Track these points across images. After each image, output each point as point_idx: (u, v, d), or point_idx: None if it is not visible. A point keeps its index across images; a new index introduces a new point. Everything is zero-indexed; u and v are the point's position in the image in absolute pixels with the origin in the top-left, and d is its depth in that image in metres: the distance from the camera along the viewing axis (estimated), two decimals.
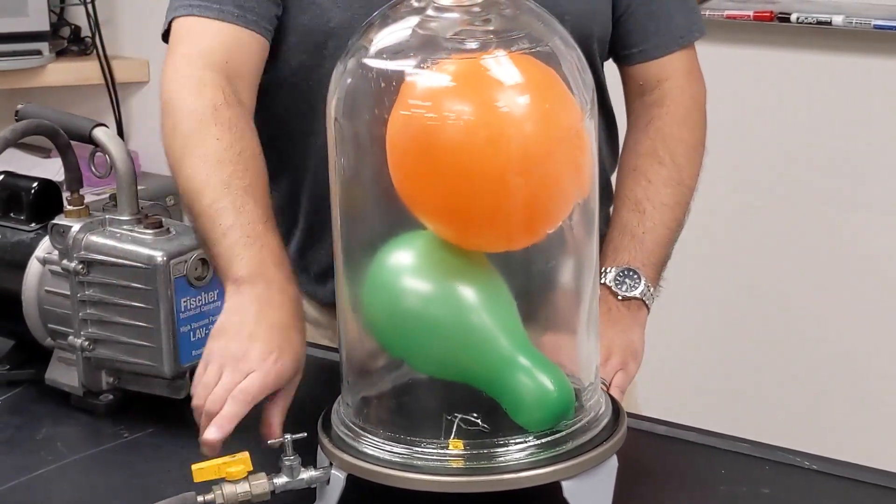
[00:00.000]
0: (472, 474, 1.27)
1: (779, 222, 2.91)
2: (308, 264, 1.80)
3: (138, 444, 1.52)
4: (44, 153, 3.33)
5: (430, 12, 1.31)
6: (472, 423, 1.30)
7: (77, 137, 1.58)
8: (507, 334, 1.31)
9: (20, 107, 1.65)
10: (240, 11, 1.64)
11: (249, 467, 1.32)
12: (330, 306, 1.60)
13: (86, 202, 1.58)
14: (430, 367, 1.34)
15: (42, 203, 1.63)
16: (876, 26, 2.69)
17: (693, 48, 1.83)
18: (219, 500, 1.31)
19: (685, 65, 1.82)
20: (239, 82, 1.63)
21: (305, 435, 1.33)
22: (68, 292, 1.54)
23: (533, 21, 1.34)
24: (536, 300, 1.37)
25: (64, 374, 1.58)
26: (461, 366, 1.32)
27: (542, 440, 1.29)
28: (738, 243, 2.96)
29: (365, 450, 1.31)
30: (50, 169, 2.98)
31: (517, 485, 1.27)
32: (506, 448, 1.28)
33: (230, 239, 1.48)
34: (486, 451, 1.28)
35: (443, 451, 1.29)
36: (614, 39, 1.80)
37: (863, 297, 2.86)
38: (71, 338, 1.55)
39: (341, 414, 1.36)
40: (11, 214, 1.64)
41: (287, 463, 1.33)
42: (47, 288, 1.58)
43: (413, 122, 1.27)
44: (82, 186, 1.60)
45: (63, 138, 1.58)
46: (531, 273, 1.36)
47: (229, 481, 1.31)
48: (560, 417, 1.30)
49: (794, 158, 2.88)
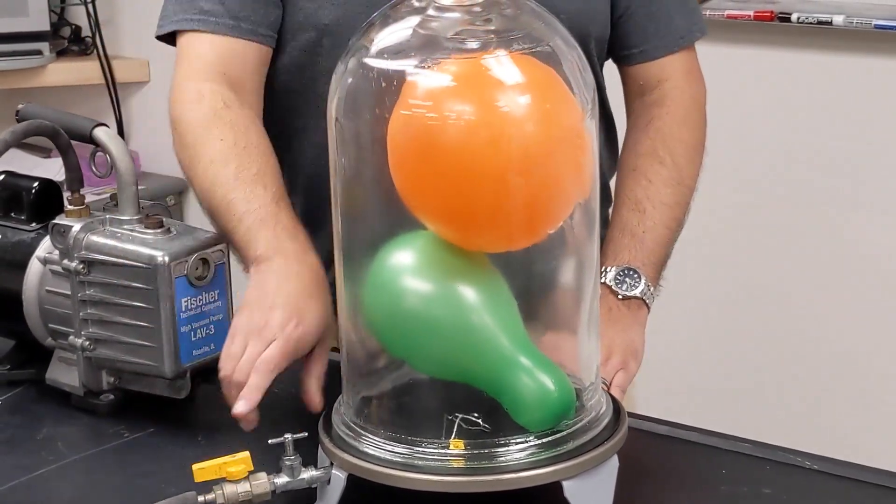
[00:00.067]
0: (472, 474, 1.27)
1: (779, 222, 2.91)
2: None
3: (139, 444, 1.52)
4: (44, 153, 3.33)
5: (430, 12, 1.31)
6: (472, 422, 1.29)
7: (78, 137, 1.58)
8: (507, 334, 1.31)
9: (21, 107, 1.65)
10: (234, 22, 1.68)
11: (250, 467, 1.32)
12: None
13: (86, 202, 1.58)
14: (431, 368, 1.34)
15: (43, 203, 1.63)
16: (877, 26, 2.69)
17: (693, 48, 1.83)
18: (219, 500, 1.31)
19: (685, 65, 1.82)
20: (240, 89, 1.68)
21: (306, 435, 1.33)
22: (69, 292, 1.54)
23: (534, 21, 1.34)
24: (537, 300, 1.37)
25: (64, 374, 1.58)
26: (462, 366, 1.32)
27: (543, 440, 1.29)
28: (739, 243, 2.96)
29: (366, 449, 1.31)
30: (50, 169, 2.98)
31: (518, 485, 1.27)
32: (506, 448, 1.28)
33: (245, 225, 1.54)
34: (486, 450, 1.28)
35: (443, 450, 1.28)
36: (614, 40, 1.80)
37: (863, 296, 2.86)
38: (71, 338, 1.55)
39: (342, 414, 1.36)
40: (12, 214, 1.64)
41: (288, 463, 1.33)
42: (48, 288, 1.58)
43: (414, 122, 1.27)
44: (83, 186, 1.60)
45: (63, 138, 1.58)
46: (532, 273, 1.36)
47: (230, 481, 1.31)
48: (561, 417, 1.30)
49: (794, 158, 2.88)
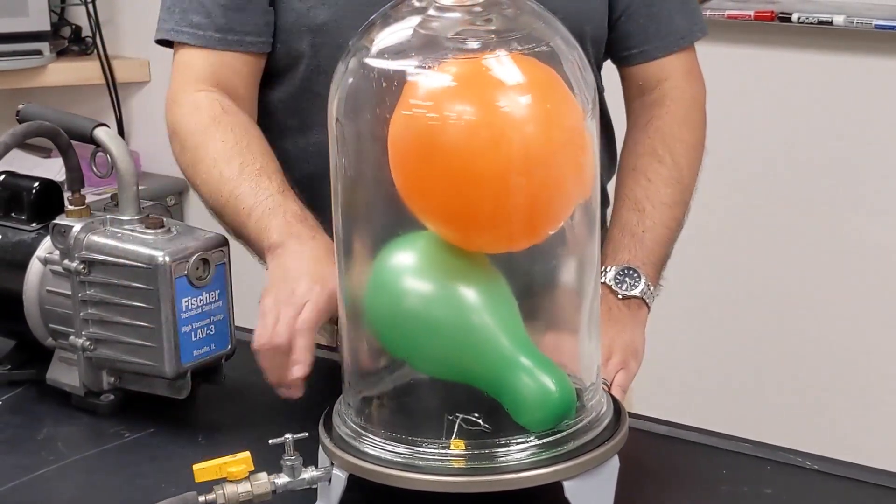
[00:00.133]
0: (473, 474, 1.27)
1: (779, 222, 2.91)
2: None
3: (139, 444, 1.52)
4: (44, 153, 3.33)
5: (431, 12, 1.31)
6: (473, 423, 1.29)
7: (78, 137, 1.58)
8: (508, 334, 1.31)
9: (21, 107, 1.64)
10: (220, 35, 1.71)
11: (251, 467, 1.32)
12: None
13: (87, 202, 1.58)
14: (432, 368, 1.34)
15: (43, 203, 1.62)
16: (877, 26, 2.69)
17: (693, 48, 1.83)
18: (220, 500, 1.31)
19: (685, 65, 1.82)
20: (234, 96, 1.72)
21: (307, 435, 1.33)
22: (69, 292, 1.54)
23: (534, 21, 1.33)
24: (538, 300, 1.37)
25: (65, 374, 1.58)
26: (463, 366, 1.32)
27: (544, 440, 1.29)
28: (739, 243, 2.96)
29: (366, 450, 1.31)
30: (51, 169, 2.98)
31: (518, 485, 1.27)
32: (507, 448, 1.28)
33: (255, 216, 1.59)
34: (487, 451, 1.28)
35: (444, 451, 1.28)
36: (613, 40, 1.80)
37: (864, 296, 2.86)
38: (72, 338, 1.55)
39: (342, 414, 1.36)
40: (12, 214, 1.64)
41: (288, 463, 1.33)
42: (48, 288, 1.58)
43: (414, 123, 1.27)
44: (83, 186, 1.60)
45: (64, 138, 1.57)
46: (532, 273, 1.36)
47: (230, 481, 1.31)
48: (561, 417, 1.30)
49: (794, 158, 2.88)
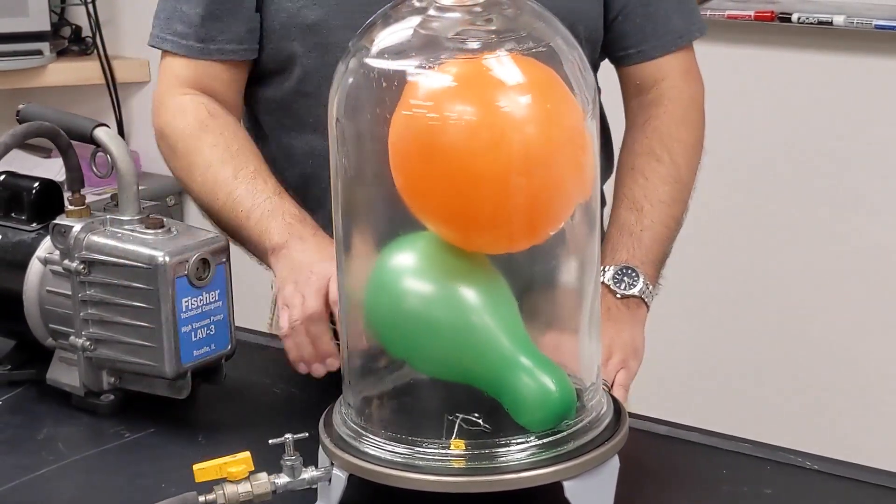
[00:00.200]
0: (473, 474, 1.27)
1: (779, 222, 2.91)
2: None
3: (139, 444, 1.51)
4: (45, 153, 3.33)
5: (431, 12, 1.31)
6: (473, 423, 1.29)
7: (78, 137, 1.58)
8: (508, 335, 1.31)
9: (21, 107, 1.64)
10: (201, 45, 1.74)
11: (251, 467, 1.32)
12: None
13: (87, 202, 1.58)
14: (432, 368, 1.34)
15: (43, 203, 1.62)
16: (877, 26, 2.69)
17: (691, 47, 1.83)
18: (220, 500, 1.31)
19: (683, 64, 1.81)
20: (219, 100, 1.75)
21: (307, 435, 1.33)
22: (69, 292, 1.54)
23: (534, 21, 1.33)
24: (538, 300, 1.37)
25: (65, 374, 1.58)
26: (463, 366, 1.32)
27: (544, 440, 1.29)
28: (739, 243, 2.96)
29: (366, 450, 1.31)
30: (51, 169, 2.98)
31: (519, 485, 1.27)
32: (507, 448, 1.28)
33: (254, 218, 1.64)
34: (487, 451, 1.28)
35: (444, 451, 1.28)
36: (610, 40, 1.80)
37: (864, 296, 2.86)
38: (72, 338, 1.55)
39: (342, 414, 1.36)
40: (13, 214, 1.64)
41: (288, 463, 1.33)
42: (48, 288, 1.57)
43: (414, 123, 1.27)
44: (83, 186, 1.60)
45: (64, 138, 1.57)
46: (533, 273, 1.36)
47: (230, 481, 1.31)
48: (562, 417, 1.30)
49: (794, 158, 2.88)
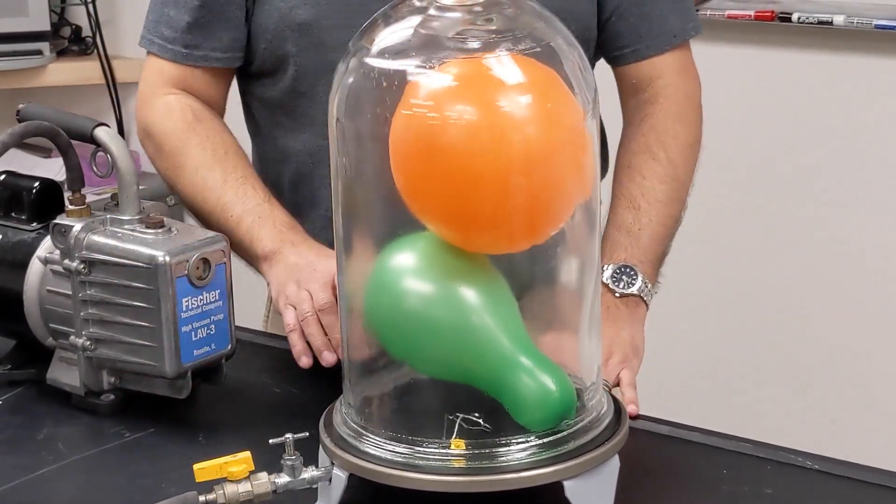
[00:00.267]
0: (473, 474, 1.27)
1: (780, 222, 2.91)
2: None
3: (139, 444, 1.51)
4: (45, 153, 3.32)
5: (431, 12, 1.31)
6: (473, 422, 1.29)
7: (78, 137, 1.58)
8: (508, 335, 1.30)
9: (21, 107, 1.64)
10: (187, 50, 1.76)
11: (251, 467, 1.32)
12: None
13: (87, 202, 1.58)
14: (432, 369, 1.34)
15: (43, 203, 1.62)
16: (877, 26, 2.69)
17: (687, 46, 1.83)
18: (220, 500, 1.31)
19: (679, 62, 1.81)
20: (202, 101, 1.78)
21: (307, 434, 1.33)
22: (70, 292, 1.54)
23: (535, 20, 1.33)
24: (538, 300, 1.37)
25: (65, 374, 1.58)
26: (463, 367, 1.32)
27: (544, 440, 1.29)
28: (739, 243, 2.96)
29: (366, 449, 1.31)
30: (51, 169, 2.98)
31: (519, 484, 1.27)
32: (507, 448, 1.28)
33: (245, 224, 1.68)
34: (487, 450, 1.28)
35: (444, 450, 1.28)
36: (605, 40, 1.80)
37: (864, 296, 2.86)
38: (72, 337, 1.55)
39: (343, 413, 1.36)
40: (13, 214, 1.64)
41: (289, 462, 1.32)
42: (49, 287, 1.57)
43: (415, 123, 1.27)
44: (84, 186, 1.60)
45: (64, 138, 1.57)
46: (533, 273, 1.36)
47: (231, 481, 1.31)
48: (562, 417, 1.30)
49: (794, 158, 2.88)
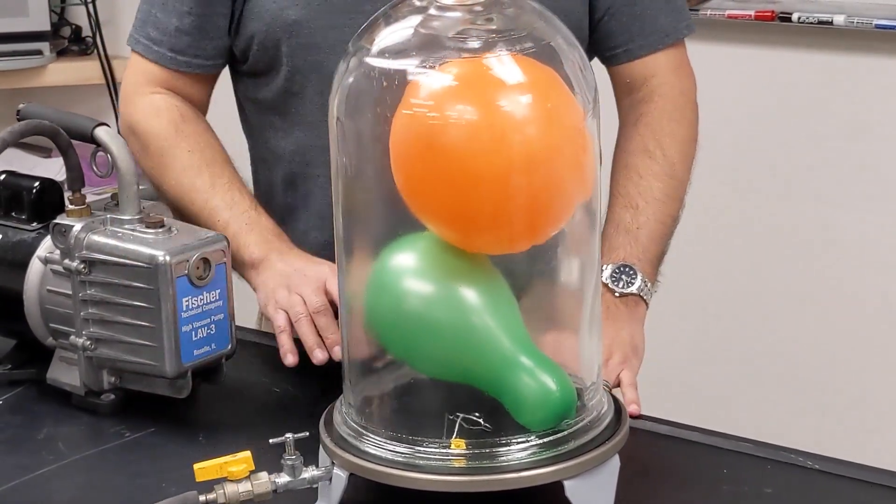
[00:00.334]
0: (474, 474, 1.27)
1: (780, 222, 2.91)
2: None
3: (140, 443, 1.51)
4: (45, 153, 3.32)
5: (432, 11, 1.31)
6: (474, 422, 1.29)
7: (79, 137, 1.58)
8: (509, 335, 1.30)
9: (21, 106, 1.64)
10: (172, 55, 1.78)
11: (251, 466, 1.32)
12: None
13: (87, 202, 1.58)
14: (433, 369, 1.34)
15: (43, 202, 1.62)
16: (877, 26, 2.69)
17: (682, 44, 1.83)
18: (221, 500, 1.31)
19: (673, 61, 1.82)
20: (187, 100, 1.79)
21: (307, 434, 1.33)
22: (70, 292, 1.54)
23: (535, 20, 1.33)
24: (539, 300, 1.37)
25: (65, 374, 1.58)
26: (463, 367, 1.32)
27: (545, 439, 1.29)
28: (740, 243, 2.96)
29: (367, 449, 1.31)
30: (51, 168, 2.98)
31: (519, 484, 1.27)
32: (508, 447, 1.28)
33: (232, 230, 1.68)
34: (488, 450, 1.28)
35: (445, 450, 1.28)
36: (598, 40, 1.80)
37: (865, 296, 2.86)
38: (72, 337, 1.55)
39: (343, 413, 1.36)
40: (13, 214, 1.64)
41: (289, 462, 1.32)
42: (49, 287, 1.57)
43: (415, 123, 1.27)
44: (84, 186, 1.60)
45: (64, 138, 1.57)
46: (533, 273, 1.36)
47: (231, 480, 1.31)
48: (562, 417, 1.30)
49: (794, 158, 2.88)
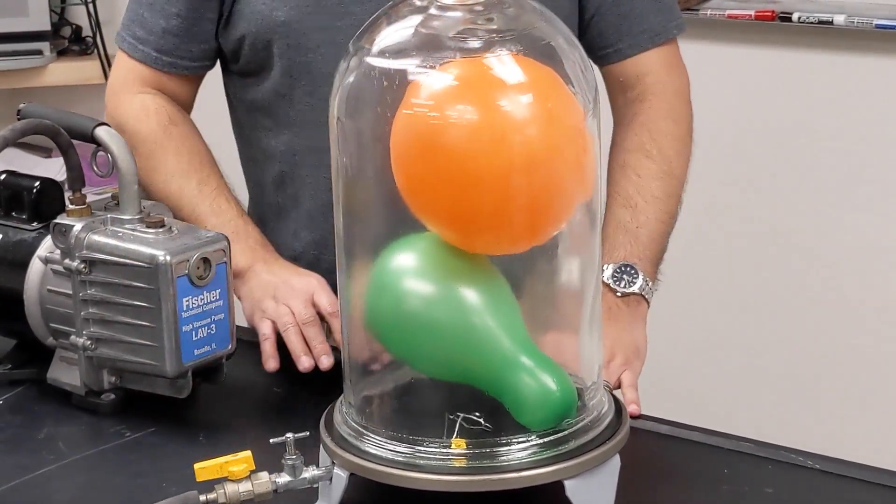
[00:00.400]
0: (474, 473, 1.27)
1: (780, 222, 2.91)
2: None
3: (140, 443, 1.51)
4: (45, 153, 3.32)
5: (432, 11, 1.31)
6: (474, 422, 1.29)
7: (79, 137, 1.58)
8: (509, 335, 1.30)
9: (22, 106, 1.64)
10: (157, 55, 1.79)
11: (252, 466, 1.32)
12: None
13: (88, 201, 1.58)
14: (433, 369, 1.34)
15: (44, 202, 1.62)
16: (877, 26, 2.68)
17: (673, 42, 1.83)
18: (221, 500, 1.31)
19: (665, 59, 1.82)
20: (173, 99, 1.80)
21: (308, 434, 1.33)
22: (70, 291, 1.54)
23: (535, 20, 1.33)
24: (539, 300, 1.37)
25: (66, 374, 1.58)
26: (464, 367, 1.32)
27: (545, 439, 1.29)
28: (741, 242, 2.96)
29: (367, 449, 1.31)
30: (51, 168, 2.97)
31: (520, 484, 1.27)
32: (508, 447, 1.28)
33: None
34: (488, 450, 1.28)
35: (445, 450, 1.28)
36: (588, 40, 1.81)
37: (865, 296, 2.86)
38: (73, 337, 1.55)
39: (343, 413, 1.36)
40: (13, 214, 1.64)
41: (289, 462, 1.32)
42: (49, 287, 1.57)
43: (415, 123, 1.27)
44: (84, 185, 1.60)
45: (64, 137, 1.57)
46: (534, 273, 1.36)
47: (232, 480, 1.31)
48: (562, 417, 1.30)
49: (794, 158, 2.88)
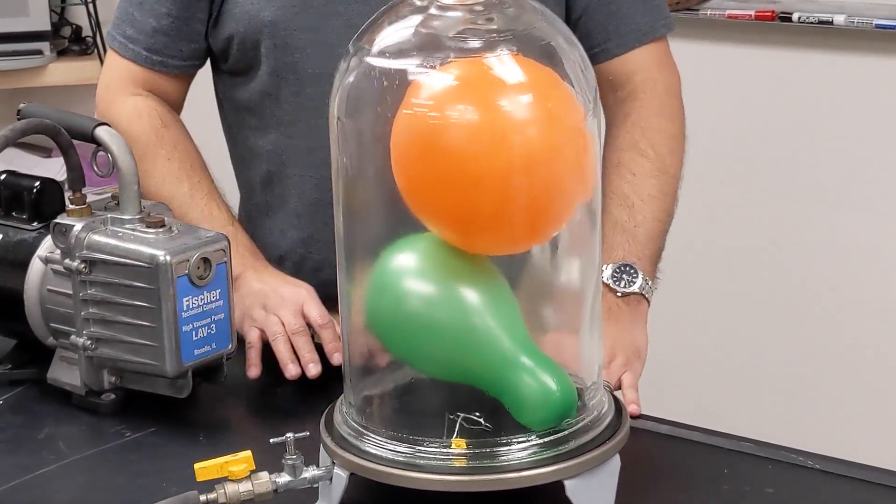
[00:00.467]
0: (474, 473, 1.27)
1: (779, 222, 2.91)
2: None
3: (140, 443, 1.51)
4: (45, 153, 3.32)
5: (432, 11, 1.31)
6: (474, 422, 1.29)
7: (79, 136, 1.58)
8: (509, 335, 1.30)
9: (22, 106, 1.64)
10: (147, 54, 1.80)
11: (252, 466, 1.32)
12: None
13: (88, 201, 1.58)
14: (433, 369, 1.34)
15: (44, 202, 1.62)
16: (878, 26, 2.68)
17: (663, 41, 1.83)
18: (221, 500, 1.31)
19: (655, 58, 1.82)
20: (164, 99, 1.81)
21: (308, 434, 1.33)
22: (70, 291, 1.54)
23: (535, 19, 1.33)
24: (539, 300, 1.37)
25: (66, 374, 1.58)
26: (464, 367, 1.32)
27: (545, 439, 1.29)
28: (740, 242, 2.96)
29: (367, 449, 1.31)
30: (51, 168, 2.98)
31: (520, 484, 1.27)
32: (508, 447, 1.28)
33: None
34: (488, 450, 1.28)
35: (445, 450, 1.28)
36: (578, 40, 1.81)
37: (864, 296, 2.86)
38: (73, 337, 1.55)
39: (344, 413, 1.36)
40: (13, 213, 1.64)
41: (289, 462, 1.32)
42: (49, 287, 1.57)
43: (415, 123, 1.27)
44: (84, 185, 1.60)
45: (65, 137, 1.57)
46: (534, 273, 1.36)
47: (232, 480, 1.31)
48: (563, 417, 1.30)
49: (794, 158, 2.88)
